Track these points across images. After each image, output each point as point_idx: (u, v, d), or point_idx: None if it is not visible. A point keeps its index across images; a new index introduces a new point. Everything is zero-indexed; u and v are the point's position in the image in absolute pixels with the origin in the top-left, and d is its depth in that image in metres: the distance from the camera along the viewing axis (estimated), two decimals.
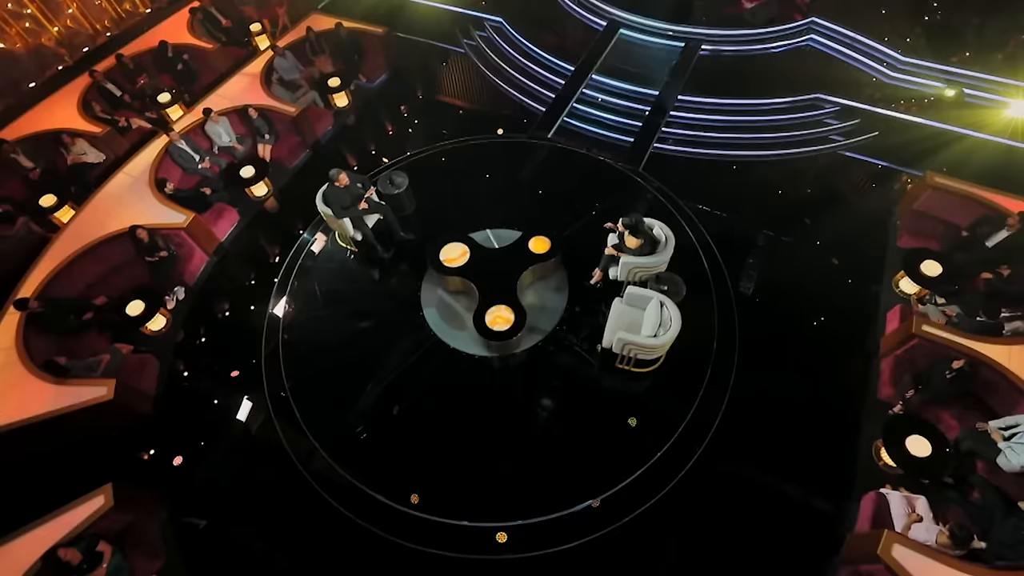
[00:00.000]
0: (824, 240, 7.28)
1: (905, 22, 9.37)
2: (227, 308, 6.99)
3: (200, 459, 5.69)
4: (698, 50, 9.05)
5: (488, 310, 5.50)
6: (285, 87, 8.96)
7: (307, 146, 8.76)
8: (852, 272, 7.02)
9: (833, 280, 6.95)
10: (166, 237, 7.04)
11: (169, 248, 7.05)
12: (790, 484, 5.44)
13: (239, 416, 5.91)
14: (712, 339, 6.09)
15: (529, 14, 10.31)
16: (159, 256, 6.95)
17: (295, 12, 10.43)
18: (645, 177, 7.67)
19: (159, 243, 6.94)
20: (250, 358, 6.28)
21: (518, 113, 9.00)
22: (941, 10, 9.40)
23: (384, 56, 9.86)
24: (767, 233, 7.29)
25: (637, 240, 5.43)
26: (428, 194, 7.44)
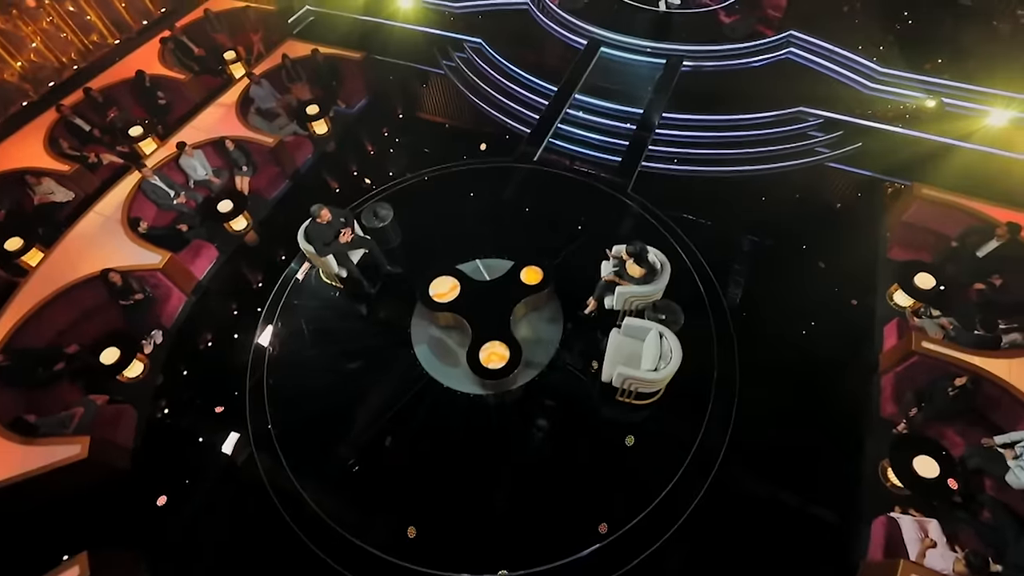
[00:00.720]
0: (815, 253, 7.24)
1: (877, 32, 9.45)
2: (208, 349, 6.69)
3: (181, 510, 5.37)
4: (680, 66, 9.03)
5: (482, 347, 5.30)
6: (262, 116, 8.73)
7: (287, 176, 8.53)
8: (845, 286, 6.96)
9: (827, 294, 6.88)
10: (141, 279, 6.74)
11: (144, 290, 6.75)
12: (799, 510, 5.31)
13: (223, 464, 5.60)
14: (712, 365, 5.96)
15: (508, 34, 10.21)
16: (134, 299, 6.63)
17: (270, 39, 10.23)
18: (634, 198, 7.58)
19: (133, 286, 6.63)
20: (233, 402, 5.99)
21: (501, 134, 8.87)
22: (912, 19, 9.51)
23: (363, 80, 9.69)
24: (758, 249, 7.23)
25: (641, 269, 5.28)
26: (413, 224, 7.24)
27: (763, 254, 7.19)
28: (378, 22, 10.90)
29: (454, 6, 10.84)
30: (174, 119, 9.09)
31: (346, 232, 5.83)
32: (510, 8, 10.81)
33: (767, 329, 6.44)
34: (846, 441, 5.75)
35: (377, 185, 8.00)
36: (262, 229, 7.96)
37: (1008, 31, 8.38)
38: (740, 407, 5.78)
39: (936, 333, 6.27)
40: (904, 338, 5.98)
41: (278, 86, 9.23)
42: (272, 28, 10.49)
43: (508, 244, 6.95)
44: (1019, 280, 6.41)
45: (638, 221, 7.33)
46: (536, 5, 10.58)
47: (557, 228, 7.27)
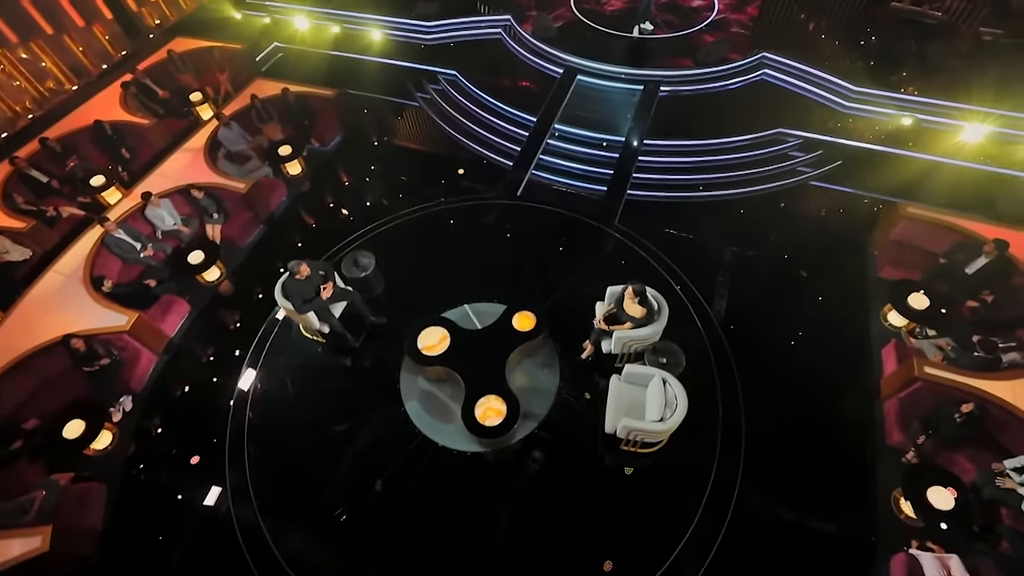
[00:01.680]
0: (807, 275, 7.18)
1: (846, 51, 9.59)
2: (181, 413, 6.25)
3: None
4: (658, 92, 9.00)
5: (477, 403, 5.01)
6: (232, 161, 8.39)
7: (261, 221, 8.18)
8: (839, 307, 6.90)
9: (822, 317, 6.79)
10: (106, 342, 6.30)
11: (111, 354, 6.30)
12: (816, 548, 5.10)
13: (200, 547, 5.17)
14: (716, 401, 5.77)
15: (483, 65, 10.10)
16: (99, 365, 6.18)
17: (238, 79, 9.92)
18: (622, 230, 7.42)
19: (98, 350, 6.18)
20: (210, 473, 5.57)
21: (481, 167, 8.69)
22: (879, 38, 9.68)
23: (336, 117, 9.44)
24: (751, 275, 7.12)
25: (643, 308, 5.08)
26: (396, 269, 6.91)
27: (757, 281, 7.07)
28: (349, 57, 10.71)
29: (426, 38, 10.71)
30: (139, 166, 8.69)
31: (327, 287, 5.52)
32: (483, 38, 10.73)
33: (765, 357, 6.30)
34: (856, 472, 5.60)
35: (356, 228, 7.67)
36: (237, 278, 7.58)
37: (973, 48, 8.55)
38: (747, 442, 5.60)
39: (935, 355, 6.21)
40: (905, 363, 5.89)
41: (248, 127, 8.92)
42: (239, 67, 10.19)
43: (496, 285, 6.73)
44: (1010, 296, 6.44)
45: (628, 255, 7.16)
46: (508, 34, 10.52)
47: (546, 266, 7.06)
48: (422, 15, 10.78)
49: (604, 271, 6.90)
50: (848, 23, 10.14)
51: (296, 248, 7.79)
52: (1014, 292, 6.41)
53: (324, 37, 10.98)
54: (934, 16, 8.87)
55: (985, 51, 8.46)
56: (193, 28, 10.94)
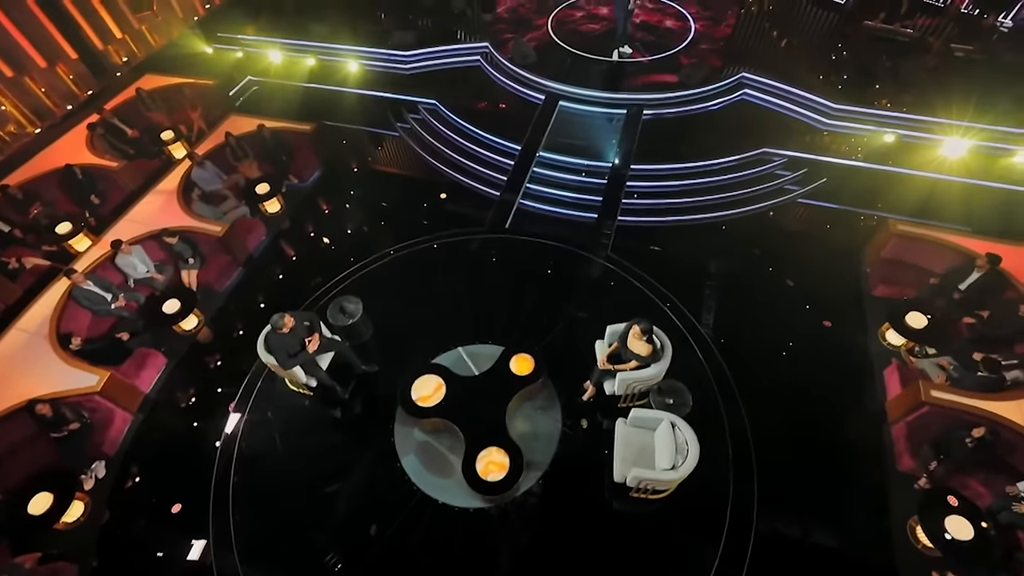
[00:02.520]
0: (802, 295, 7.10)
1: (821, 68, 9.69)
2: (158, 476, 5.84)
3: None
4: (641, 116, 8.96)
5: (478, 456, 4.74)
6: (207, 202, 8.06)
7: (239, 263, 7.84)
8: (837, 327, 6.83)
9: (820, 338, 6.72)
10: (75, 406, 5.88)
11: (81, 417, 5.88)
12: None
13: None
14: (724, 435, 5.58)
15: (463, 93, 9.98)
16: (68, 430, 5.76)
17: (211, 115, 9.63)
18: (615, 260, 7.27)
19: (67, 415, 5.76)
20: (193, 545, 5.17)
21: (468, 199, 8.49)
22: (854, 55, 9.81)
23: (314, 151, 9.19)
24: (747, 297, 7.03)
25: (649, 347, 4.88)
26: (384, 312, 6.61)
27: (753, 305, 6.97)
28: (326, 89, 10.50)
29: (405, 68, 10.57)
30: (108, 211, 8.32)
31: (312, 339, 5.22)
32: (461, 66, 10.62)
33: (769, 384, 6.18)
34: (869, 500, 5.46)
35: (340, 268, 7.39)
36: (216, 325, 7.22)
37: (945, 64, 8.71)
38: (759, 477, 5.42)
39: (937, 376, 6.13)
40: (911, 387, 5.79)
41: (223, 166, 8.62)
42: (212, 103, 9.90)
43: (489, 324, 6.50)
44: (1005, 311, 6.42)
45: (622, 286, 6.99)
46: (487, 61, 10.44)
47: (539, 301, 6.85)
48: (399, 45, 10.65)
49: (600, 305, 6.75)
50: (821, 41, 10.29)
51: (277, 291, 7.47)
52: (1009, 307, 6.39)
53: (299, 70, 10.76)
54: (906, 33, 9.04)
55: (957, 67, 8.61)
56: (163, 65, 10.64)
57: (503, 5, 11.79)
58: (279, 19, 11.80)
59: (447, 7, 11.32)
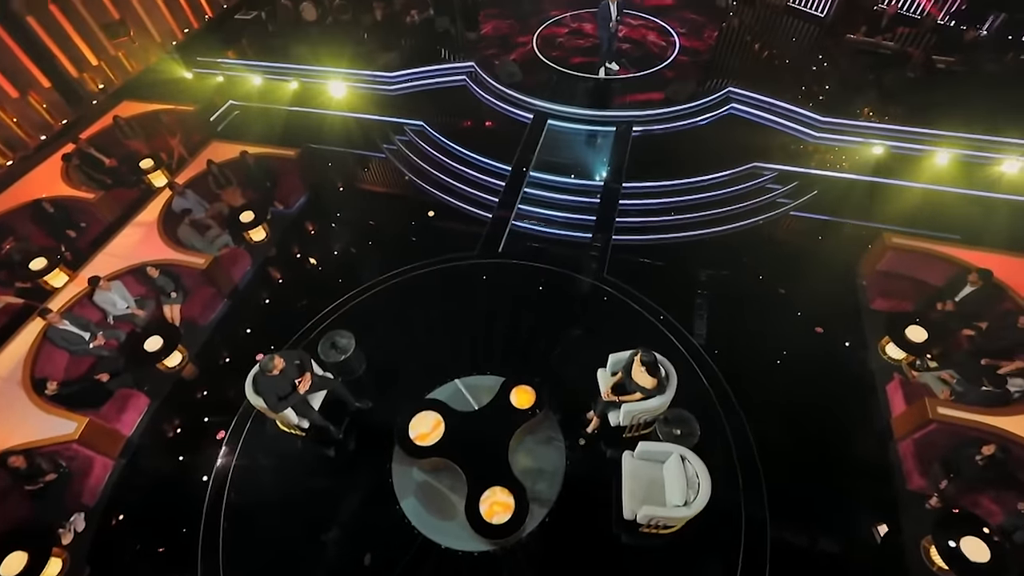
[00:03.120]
0: (800, 310, 7.03)
1: (806, 81, 9.76)
2: (143, 526, 5.52)
3: None
4: (630, 132, 8.91)
5: (481, 497, 4.53)
6: (190, 231, 7.79)
7: (224, 295, 7.57)
8: (837, 342, 6.77)
9: (821, 354, 6.65)
10: (52, 455, 5.56)
11: (58, 467, 5.57)
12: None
13: None
14: (733, 462, 5.45)
15: (450, 114, 9.87)
16: (44, 482, 5.44)
17: (191, 142, 9.40)
18: (612, 282, 7.14)
19: (43, 466, 5.44)
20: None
21: (459, 222, 8.33)
22: (839, 68, 9.91)
23: (300, 176, 8.97)
24: (746, 314, 6.94)
25: (653, 379, 4.74)
26: (377, 344, 6.39)
27: (753, 322, 6.88)
28: (310, 112, 10.32)
29: (390, 90, 10.43)
30: (85, 245, 8.02)
31: (304, 379, 4.99)
32: (447, 86, 10.52)
33: (773, 404, 6.06)
34: (882, 521, 5.34)
35: (330, 297, 7.16)
36: (201, 361, 6.94)
37: (928, 76, 8.81)
38: (771, 501, 5.29)
39: (941, 390, 6.07)
40: (917, 405, 5.71)
41: (205, 194, 8.38)
42: (193, 129, 9.67)
43: (486, 353, 6.34)
44: (1001, 322, 6.40)
45: (620, 309, 6.85)
46: (474, 81, 10.35)
47: (536, 327, 6.68)
48: (384, 66, 10.53)
49: (599, 329, 6.61)
50: (802, 54, 10.41)
51: (264, 323, 7.20)
52: (1006, 318, 6.38)
53: (282, 93, 10.58)
54: (888, 47, 9.14)
55: (940, 78, 8.72)
56: (141, 91, 10.39)
57: (487, 24, 11.77)
58: (260, 42, 11.66)
59: (431, 27, 11.25)
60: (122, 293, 7.05)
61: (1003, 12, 9.99)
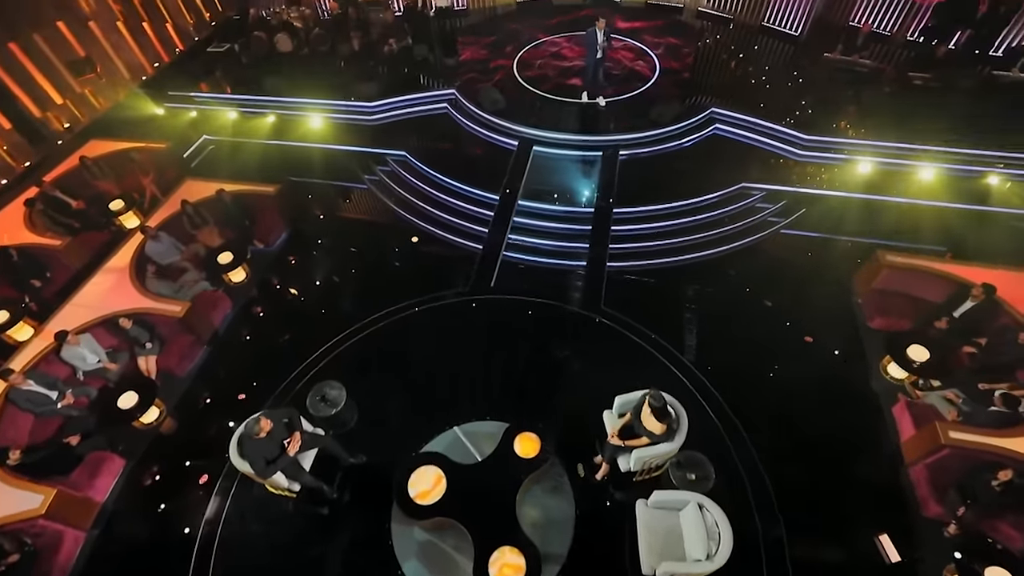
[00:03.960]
0: (798, 331, 6.93)
1: (786, 99, 9.82)
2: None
3: None
4: (617, 157, 8.83)
5: (489, 560, 4.22)
6: (163, 278, 7.41)
7: (203, 342, 7.18)
8: (837, 362, 6.68)
9: (824, 377, 6.52)
10: (16, 534, 5.09)
11: (23, 547, 5.09)
12: None
13: None
14: (747, 497, 5.25)
15: (433, 143, 9.69)
16: (6, 565, 4.96)
17: (165, 180, 9.03)
18: (610, 314, 6.95)
19: (5, 547, 4.97)
20: None
21: (449, 255, 8.07)
22: (808, 84, 10.02)
23: (279, 213, 8.65)
24: (746, 338, 6.80)
25: (662, 425, 4.53)
26: (369, 392, 6.06)
27: (754, 346, 6.75)
28: (288, 145, 10.02)
29: (370, 120, 10.23)
30: (52, 295, 7.57)
31: (293, 439, 4.65)
32: (429, 114, 10.36)
33: (782, 432, 5.92)
34: (901, 550, 5.17)
35: (317, 342, 6.83)
36: (180, 414, 6.52)
37: (904, 91, 8.94)
38: (789, 534, 5.11)
39: (948, 411, 5.97)
40: (927, 429, 5.59)
41: (180, 235, 8.01)
42: (166, 167, 9.30)
43: (483, 396, 6.07)
44: (1001, 338, 6.37)
45: (619, 342, 6.65)
46: (455, 109, 10.21)
47: (535, 366, 6.42)
48: (362, 96, 10.34)
49: (599, 365, 6.39)
50: (780, 73, 10.52)
51: (247, 371, 6.82)
52: (1005, 333, 6.35)
53: (259, 127, 10.30)
54: (865, 64, 9.28)
55: (917, 94, 8.86)
56: (109, 129, 10.01)
57: (466, 50, 11.72)
58: (234, 74, 11.38)
59: (409, 56, 11.13)
60: (92, 346, 6.62)
61: (968, 28, 10.27)
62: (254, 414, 4.69)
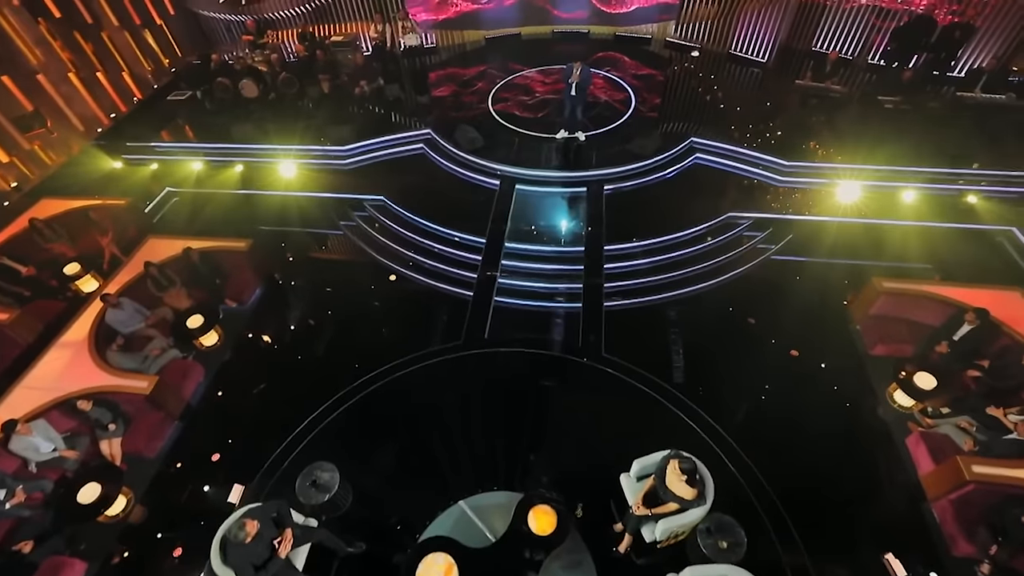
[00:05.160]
0: (802, 363, 6.79)
1: (755, 126, 9.90)
2: None
3: None
4: (602, 192, 8.68)
5: None
6: (127, 351, 6.81)
7: (175, 417, 6.57)
8: (843, 393, 6.52)
9: (832, 410, 6.35)
10: None
11: None
12: None
13: None
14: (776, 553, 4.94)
15: (412, 185, 9.38)
16: None
17: (125, 239, 8.44)
18: (611, 361, 6.64)
19: None
20: None
21: (436, 306, 7.66)
22: (779, 109, 10.18)
23: (252, 268, 8.13)
24: (750, 374, 6.59)
25: (693, 490, 4.20)
26: (364, 468, 5.58)
27: (758, 382, 6.54)
28: (258, 194, 9.55)
29: (344, 164, 9.88)
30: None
31: (285, 538, 4.13)
32: (405, 155, 10.08)
33: (798, 473, 5.70)
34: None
35: (299, 410, 6.31)
36: (151, 501, 5.87)
37: (874, 114, 9.12)
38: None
39: (964, 441, 5.83)
40: (948, 464, 5.42)
41: (145, 300, 7.43)
42: (126, 225, 8.71)
43: (488, 463, 5.64)
44: (1004, 359, 6.33)
45: (624, 391, 6.32)
46: (432, 149, 9.96)
47: (539, 425, 6.01)
48: (335, 140, 10.00)
49: (607, 419, 6.05)
50: (753, 100, 10.66)
51: (225, 448, 6.23)
52: (1010, 355, 6.31)
53: (226, 177, 9.80)
54: (836, 90, 9.46)
55: (888, 116, 9.03)
56: (63, 187, 9.40)
57: (439, 88, 11.56)
58: (198, 122, 10.92)
59: (381, 96, 10.88)
60: (47, 434, 5.95)
61: (925, 52, 10.64)
62: (237, 512, 4.17)
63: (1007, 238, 8.18)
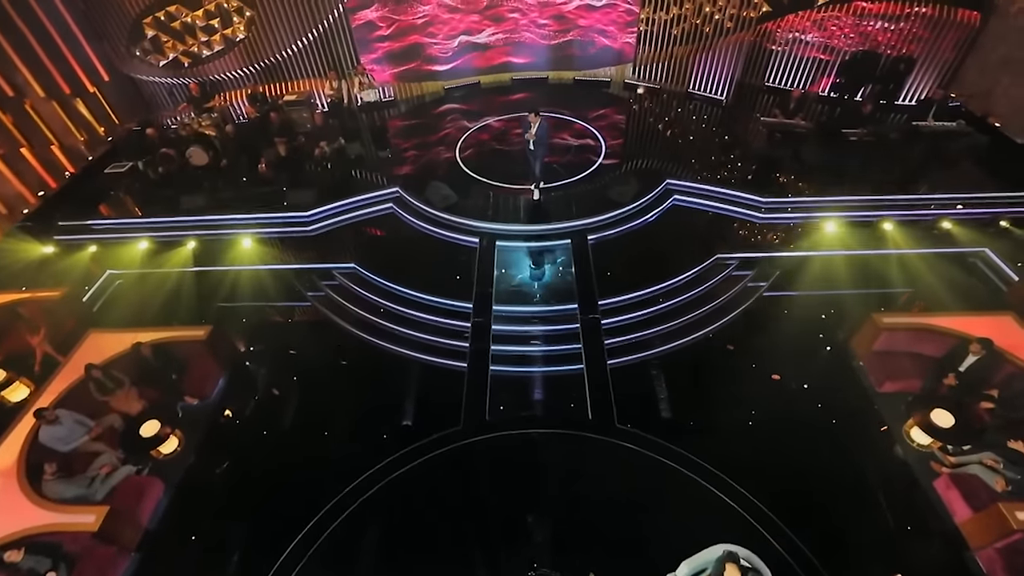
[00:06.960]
0: (815, 408, 6.65)
1: (725, 163, 9.98)
2: None
3: None
4: (587, 243, 8.38)
5: None
6: (67, 479, 5.80)
7: (131, 548, 5.58)
8: (858, 435, 6.37)
9: (849, 451, 6.19)
10: None
11: None
12: None
13: None
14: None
15: (383, 249, 8.82)
16: None
17: (60, 337, 7.42)
18: (627, 432, 6.14)
19: None
20: None
21: (427, 385, 7.06)
22: (738, 145, 10.34)
23: (213, 357, 7.27)
24: (768, 428, 6.34)
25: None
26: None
27: (777, 436, 6.25)
28: (213, 271, 8.70)
29: (308, 230, 9.20)
30: None
31: None
32: (374, 216, 9.52)
33: (835, 536, 5.41)
34: None
35: (284, 526, 5.48)
36: None
37: (840, 147, 9.34)
38: None
39: (995, 480, 5.64)
40: (990, 511, 5.18)
41: (87, 408, 6.45)
42: (62, 319, 7.69)
43: (495, 555, 5.08)
44: (1012, 388, 6.28)
45: (652, 469, 5.84)
46: (401, 207, 9.45)
47: (557, 514, 5.46)
48: (295, 205, 9.35)
49: (636, 504, 5.57)
50: (711, 138, 10.77)
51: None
52: (1016, 382, 6.27)
53: (177, 254, 8.87)
54: (802, 125, 9.66)
55: (853, 149, 9.25)
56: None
57: (402, 142, 11.17)
58: (141, 195, 10.02)
59: (343, 156, 10.35)
60: None
61: (871, 83, 11.13)
62: None
63: (981, 259, 8.36)
